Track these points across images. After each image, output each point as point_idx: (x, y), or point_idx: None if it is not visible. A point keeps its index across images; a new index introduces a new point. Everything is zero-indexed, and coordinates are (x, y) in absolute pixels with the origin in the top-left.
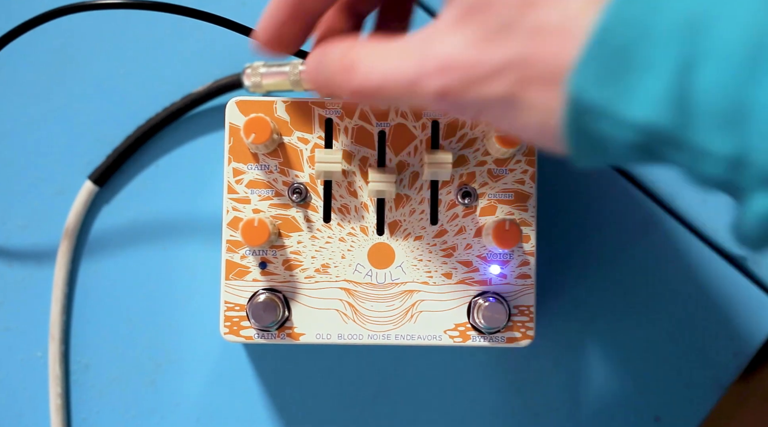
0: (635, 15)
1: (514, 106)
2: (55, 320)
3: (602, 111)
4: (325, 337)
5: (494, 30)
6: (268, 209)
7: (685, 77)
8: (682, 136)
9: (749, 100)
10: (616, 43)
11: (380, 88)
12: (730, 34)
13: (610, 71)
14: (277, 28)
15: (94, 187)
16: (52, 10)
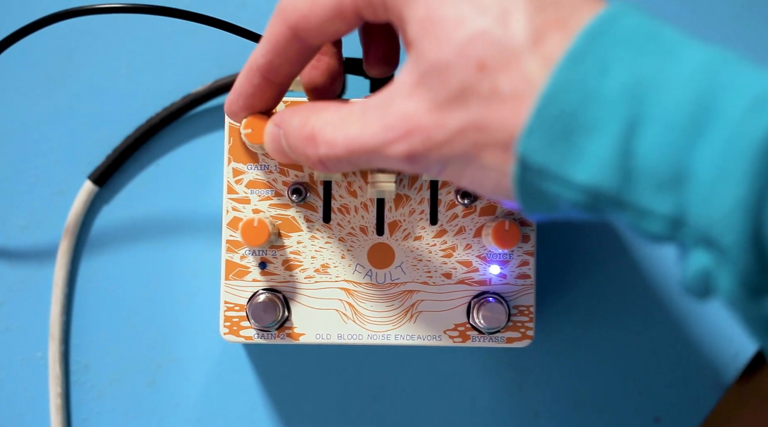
0: (580, 79)
1: (473, 166)
2: (55, 320)
3: (548, 173)
4: (324, 337)
5: (451, 95)
6: (268, 209)
7: (628, 141)
8: (625, 197)
9: (687, 164)
10: (561, 107)
11: (346, 156)
12: (671, 99)
13: (555, 135)
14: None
15: (94, 187)
16: (53, 15)
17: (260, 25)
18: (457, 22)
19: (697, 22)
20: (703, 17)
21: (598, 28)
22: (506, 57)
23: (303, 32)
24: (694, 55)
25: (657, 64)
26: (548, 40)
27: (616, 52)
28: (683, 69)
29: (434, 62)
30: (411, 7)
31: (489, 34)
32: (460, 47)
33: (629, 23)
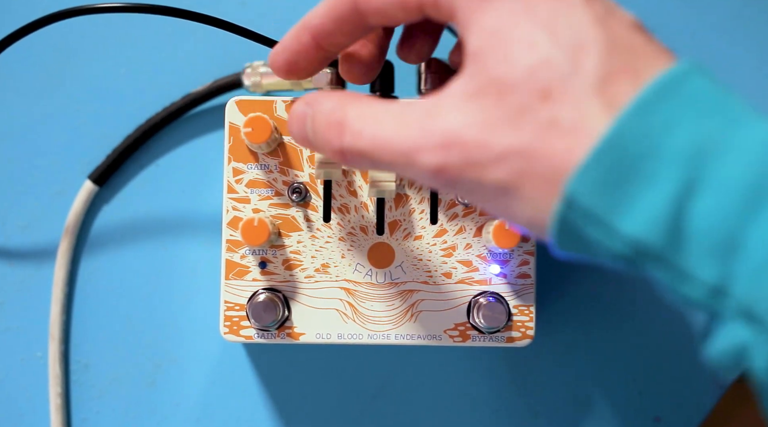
0: (647, 130)
1: (509, 195)
2: (55, 320)
3: (595, 218)
4: (325, 337)
5: (507, 115)
6: (268, 209)
7: (684, 201)
8: (669, 256)
9: (742, 236)
10: (622, 154)
11: (369, 152)
12: (734, 167)
13: (610, 180)
14: (293, 57)
15: (94, 186)
16: (53, 15)
17: (260, 25)
18: (529, 45)
19: (698, 22)
20: (703, 17)
21: (669, 84)
22: (572, 91)
23: (365, 9)
24: (760, 127)
25: (723, 130)
26: (617, 84)
27: (683, 110)
28: (748, 139)
29: (496, 79)
30: (481, 15)
31: (559, 64)
32: (528, 71)
33: (699, 84)
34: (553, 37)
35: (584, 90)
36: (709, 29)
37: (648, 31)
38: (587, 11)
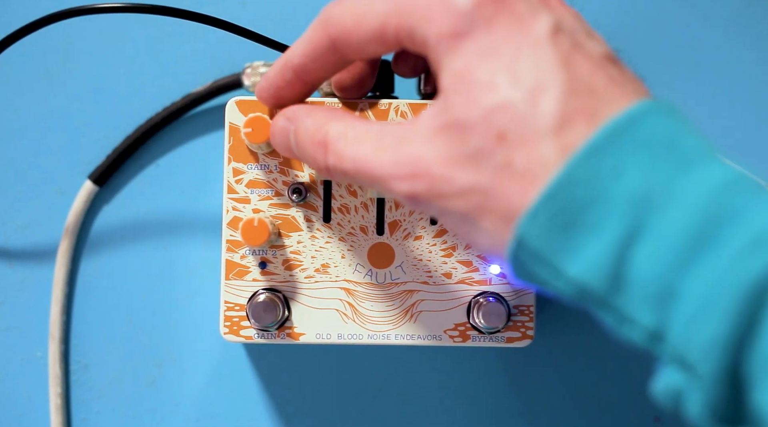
0: (593, 176)
1: (470, 225)
2: (55, 320)
3: (542, 259)
4: (325, 337)
5: (467, 154)
6: (268, 209)
7: (626, 248)
8: (611, 300)
9: (678, 285)
10: (568, 200)
11: (352, 173)
12: (676, 217)
13: (557, 225)
14: (279, 93)
15: (94, 187)
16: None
17: (260, 25)
18: (489, 87)
19: (698, 22)
20: (703, 17)
21: (622, 126)
22: (527, 135)
23: (342, 46)
24: (711, 173)
25: (670, 177)
26: (572, 127)
27: (632, 155)
28: (696, 188)
29: (458, 119)
30: (450, 57)
31: (516, 107)
32: (485, 113)
33: (655, 125)
34: (513, 79)
35: (539, 133)
36: (709, 29)
37: (619, 62)
38: (550, 50)
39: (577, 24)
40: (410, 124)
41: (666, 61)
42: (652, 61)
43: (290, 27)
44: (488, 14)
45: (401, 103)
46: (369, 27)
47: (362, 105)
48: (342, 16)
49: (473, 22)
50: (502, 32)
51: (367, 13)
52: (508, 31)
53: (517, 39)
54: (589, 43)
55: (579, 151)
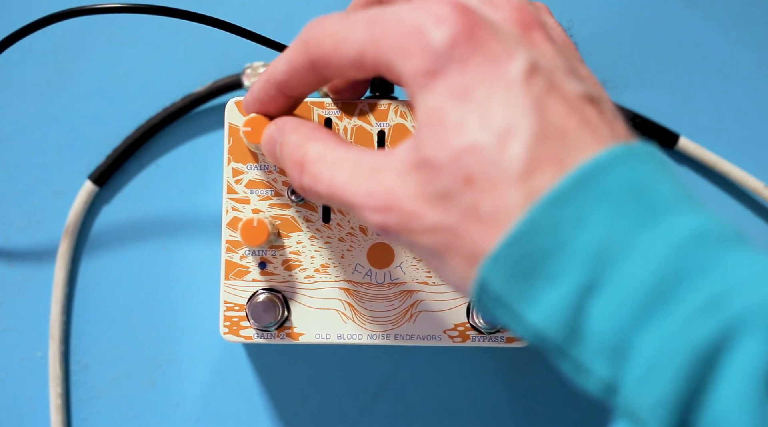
0: (554, 225)
1: (438, 260)
2: (55, 320)
3: (504, 304)
4: (324, 337)
5: (436, 193)
6: (268, 209)
7: (583, 300)
8: (568, 350)
9: (631, 341)
10: (529, 248)
11: (326, 197)
12: (634, 273)
13: (518, 272)
14: (264, 107)
15: (94, 187)
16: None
17: (260, 25)
18: (459, 128)
19: (698, 22)
20: (703, 17)
21: (588, 174)
22: (493, 179)
23: (321, 69)
24: (676, 226)
25: (633, 230)
26: (539, 174)
27: (597, 206)
28: (657, 242)
29: (428, 158)
30: (423, 95)
31: (484, 151)
32: (454, 155)
33: (624, 173)
34: (483, 121)
35: (506, 178)
36: (710, 29)
37: (599, 102)
38: (523, 93)
39: (557, 60)
40: (386, 156)
41: (666, 61)
42: (652, 61)
43: (290, 27)
44: (463, 53)
45: (401, 103)
46: (347, 54)
47: (362, 106)
48: (321, 40)
49: (447, 61)
50: (476, 73)
51: (345, 40)
52: (482, 71)
53: (491, 80)
54: (567, 82)
55: (542, 200)
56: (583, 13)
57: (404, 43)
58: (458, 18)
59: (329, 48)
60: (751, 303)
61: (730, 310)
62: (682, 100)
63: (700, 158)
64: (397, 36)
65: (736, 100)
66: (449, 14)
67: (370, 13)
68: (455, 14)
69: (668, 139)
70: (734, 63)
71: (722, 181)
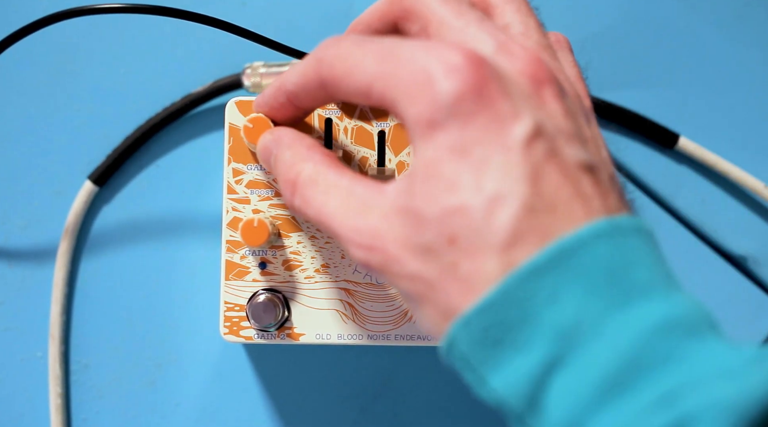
0: (527, 299)
1: (414, 304)
2: (55, 320)
3: (470, 366)
4: (324, 337)
5: (419, 245)
6: (268, 209)
7: (546, 376)
8: (527, 420)
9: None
10: (500, 317)
11: (314, 221)
12: (596, 359)
13: (486, 338)
14: (273, 113)
15: (94, 187)
16: (53, 15)
17: (260, 25)
18: (451, 186)
19: (698, 22)
20: (703, 17)
21: (566, 251)
22: (475, 244)
23: (331, 89)
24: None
25: (603, 312)
26: (521, 246)
27: (571, 283)
28: (625, 327)
29: (416, 209)
30: (422, 144)
31: (471, 214)
32: (442, 213)
33: (602, 252)
34: (476, 184)
35: (488, 246)
36: (710, 29)
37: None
38: (521, 160)
39: (563, 124)
40: (377, 193)
41: (666, 61)
42: (652, 61)
43: (290, 27)
44: (468, 110)
45: None
46: (356, 83)
47: (363, 106)
48: (333, 63)
49: (451, 115)
50: (478, 131)
51: (356, 68)
52: (484, 131)
53: (491, 141)
54: (568, 149)
55: (517, 272)
56: (583, 13)
57: (411, 86)
58: (469, 70)
59: (340, 72)
60: (707, 400)
61: (684, 405)
62: (682, 100)
63: (700, 158)
64: (406, 77)
65: (736, 100)
66: (462, 65)
67: (386, 45)
68: (467, 66)
69: (668, 139)
70: (734, 63)
71: (722, 181)
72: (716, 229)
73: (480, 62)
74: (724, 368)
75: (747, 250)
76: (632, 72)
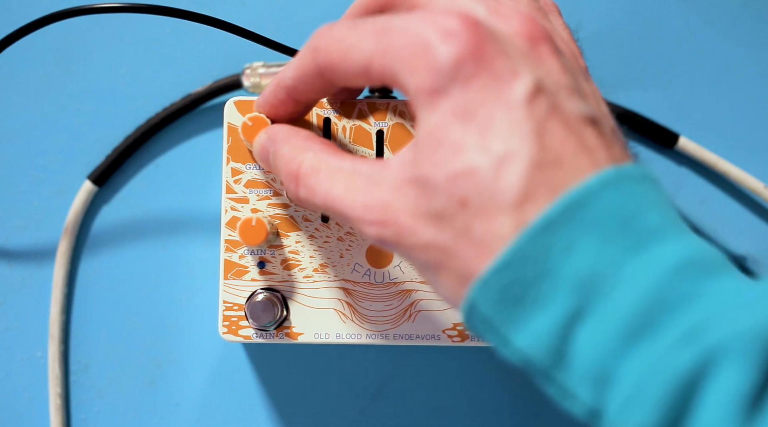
0: (543, 253)
1: (431, 274)
2: (55, 320)
3: (492, 327)
4: (323, 336)
5: (431, 212)
6: (267, 209)
7: (570, 327)
8: (554, 374)
9: (615, 368)
10: (517, 275)
11: (322, 208)
12: (619, 301)
13: (507, 297)
14: (274, 110)
15: (93, 187)
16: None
17: (260, 25)
18: (457, 150)
19: (698, 22)
20: (703, 17)
21: (577, 202)
22: (486, 205)
23: (329, 76)
24: (663, 255)
25: (620, 258)
26: (532, 202)
27: (585, 233)
28: (644, 271)
29: (424, 177)
30: (425, 112)
31: (480, 175)
32: (450, 177)
33: (613, 199)
34: (482, 145)
35: (499, 205)
36: (710, 29)
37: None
38: (524, 117)
39: (562, 79)
40: (382, 168)
41: (666, 61)
42: (653, 61)
43: (290, 27)
44: (467, 73)
45: (399, 103)
46: (354, 63)
47: (361, 106)
48: (328, 48)
49: (452, 79)
50: (479, 93)
51: (353, 48)
52: (486, 91)
53: (493, 101)
54: (569, 103)
55: (531, 228)
56: (583, 13)
57: (410, 56)
58: (466, 34)
59: (337, 56)
60: (730, 332)
61: (709, 339)
62: (682, 100)
63: (700, 158)
64: (404, 48)
65: (736, 100)
66: (457, 29)
67: (379, 22)
68: (463, 29)
69: (668, 139)
70: (734, 63)
71: (722, 181)
72: (716, 229)
73: (475, 24)
74: (744, 300)
75: (747, 250)
76: (632, 72)
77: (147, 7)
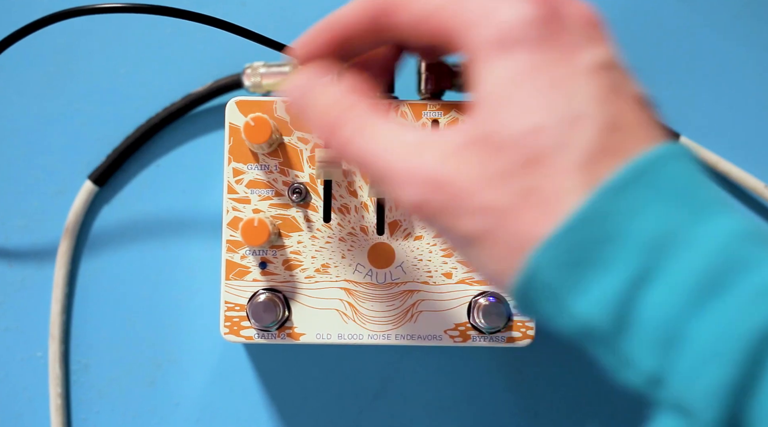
0: (614, 213)
1: (475, 247)
2: (55, 320)
3: (551, 293)
4: (325, 337)
5: (493, 173)
6: (268, 209)
7: (635, 290)
8: (614, 341)
9: (684, 331)
10: (585, 236)
11: (353, 160)
12: (688, 262)
13: (570, 260)
14: (314, 52)
15: (94, 187)
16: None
17: (260, 25)
18: (526, 108)
19: (698, 22)
20: (703, 17)
21: (645, 167)
22: (556, 164)
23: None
24: (726, 222)
25: (686, 222)
26: (602, 163)
27: (652, 197)
28: (711, 235)
29: (490, 135)
30: (490, 66)
31: (550, 134)
32: (519, 134)
33: (676, 169)
34: (552, 105)
35: (570, 164)
36: (709, 29)
37: (650, 105)
38: (594, 84)
39: (620, 61)
40: (432, 134)
41: (666, 61)
42: (652, 61)
43: (290, 27)
44: (539, 34)
45: (400, 103)
46: (418, 10)
47: None
48: None
49: (523, 37)
50: (550, 54)
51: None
52: (556, 54)
53: (564, 65)
54: (628, 82)
55: (603, 188)
56: None
57: (483, 9)
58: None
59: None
60: None
61: None
62: (682, 100)
63: (701, 158)
64: (474, 6)
65: (736, 100)
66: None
67: None
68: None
69: None
70: (734, 63)
71: (722, 181)
72: None
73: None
74: None
75: None
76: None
77: (147, 7)
